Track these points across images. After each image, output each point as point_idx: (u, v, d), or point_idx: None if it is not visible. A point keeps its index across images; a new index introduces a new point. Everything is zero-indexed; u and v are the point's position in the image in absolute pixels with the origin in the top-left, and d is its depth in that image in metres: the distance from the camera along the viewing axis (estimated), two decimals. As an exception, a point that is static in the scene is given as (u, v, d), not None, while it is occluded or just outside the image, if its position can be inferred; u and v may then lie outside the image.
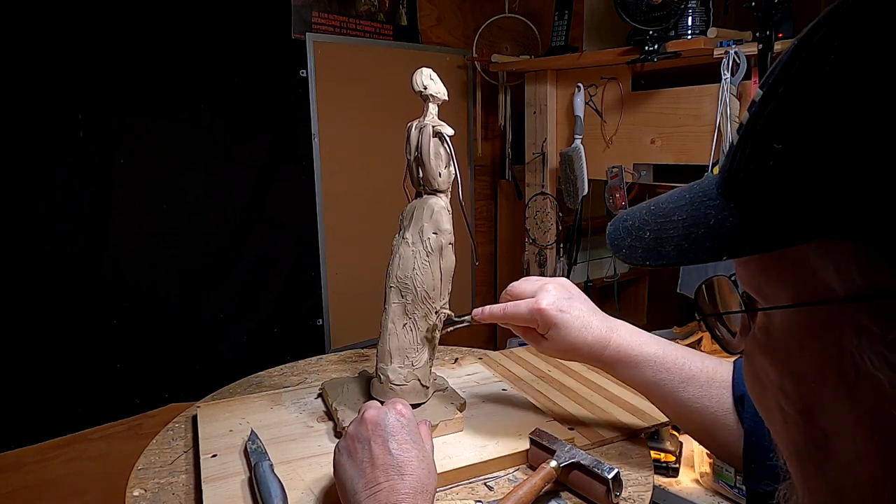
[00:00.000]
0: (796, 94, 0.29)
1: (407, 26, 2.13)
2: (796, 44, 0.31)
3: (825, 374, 0.31)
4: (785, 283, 0.32)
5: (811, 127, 0.28)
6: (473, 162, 2.41)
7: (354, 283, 2.08)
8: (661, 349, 0.73)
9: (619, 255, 0.41)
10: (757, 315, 0.36)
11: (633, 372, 0.73)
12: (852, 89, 0.27)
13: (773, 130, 0.30)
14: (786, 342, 0.34)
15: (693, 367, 0.71)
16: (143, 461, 0.79)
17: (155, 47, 1.59)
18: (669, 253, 0.36)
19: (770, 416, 0.37)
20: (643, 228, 0.39)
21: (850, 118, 0.27)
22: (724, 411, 0.68)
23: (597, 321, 0.75)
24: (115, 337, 1.61)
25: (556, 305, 0.75)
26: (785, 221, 0.30)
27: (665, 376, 0.71)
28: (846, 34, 0.28)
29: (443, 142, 0.79)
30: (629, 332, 0.75)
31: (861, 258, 0.28)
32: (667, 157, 1.66)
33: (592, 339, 0.74)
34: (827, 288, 0.30)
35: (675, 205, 0.38)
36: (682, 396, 0.70)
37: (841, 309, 0.30)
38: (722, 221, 0.33)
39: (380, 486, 0.57)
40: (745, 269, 0.35)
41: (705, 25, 1.54)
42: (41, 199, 1.47)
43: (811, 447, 0.34)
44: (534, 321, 0.76)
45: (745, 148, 0.32)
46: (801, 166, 0.29)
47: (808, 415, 0.33)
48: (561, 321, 0.74)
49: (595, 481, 0.68)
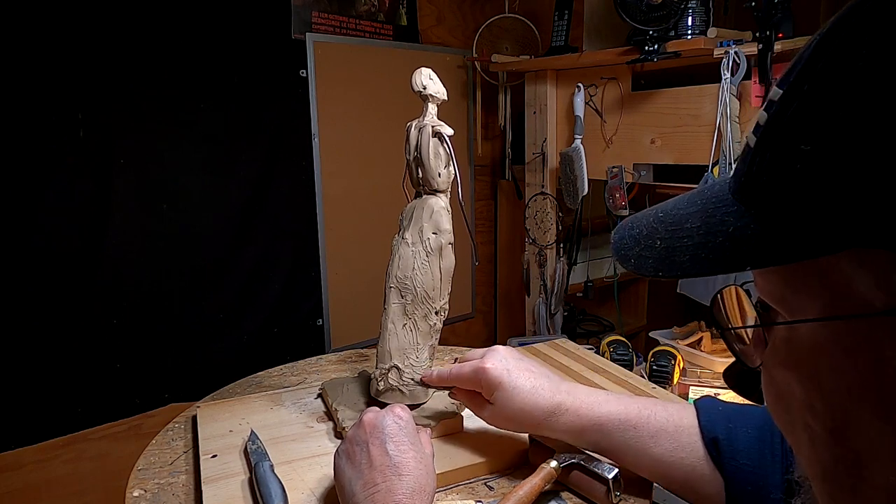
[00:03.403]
0: (825, 91, 0.27)
1: (407, 26, 2.13)
2: (819, 39, 0.29)
3: (861, 393, 0.29)
4: (813, 294, 0.30)
5: (844, 127, 0.26)
6: (473, 162, 2.41)
7: (354, 283, 2.08)
8: (622, 406, 0.67)
9: (626, 266, 0.38)
10: (775, 327, 0.34)
11: (599, 436, 0.67)
12: (887, 85, 0.25)
13: (799, 131, 0.28)
14: (814, 357, 0.31)
15: (658, 417, 0.66)
16: (143, 461, 0.79)
17: (155, 47, 1.59)
18: (684, 263, 0.34)
19: (794, 434, 0.35)
20: (652, 237, 0.37)
21: (885, 117, 0.25)
22: (699, 460, 0.63)
23: (549, 384, 0.69)
24: (115, 337, 1.61)
25: (502, 365, 0.69)
26: (816, 229, 0.27)
27: (633, 434, 0.65)
28: (880, 26, 0.26)
29: (442, 142, 0.79)
30: (585, 394, 0.69)
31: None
32: (667, 157, 1.66)
33: (546, 403, 0.67)
34: (863, 299, 0.28)
35: (685, 211, 0.36)
36: (655, 453, 0.65)
37: (880, 322, 0.27)
38: (742, 229, 0.31)
39: (377, 488, 0.57)
40: (765, 280, 0.33)
41: (705, 25, 1.54)
42: (41, 199, 1.47)
43: (841, 468, 0.31)
44: (477, 383, 0.71)
45: (765, 150, 0.30)
46: (834, 169, 0.26)
47: (839, 434, 0.31)
48: (507, 382, 0.68)
49: (595, 481, 0.68)
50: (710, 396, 0.68)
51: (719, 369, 1.62)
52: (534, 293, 2.10)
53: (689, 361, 1.70)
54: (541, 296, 2.06)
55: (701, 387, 1.61)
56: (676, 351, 1.64)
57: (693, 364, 1.70)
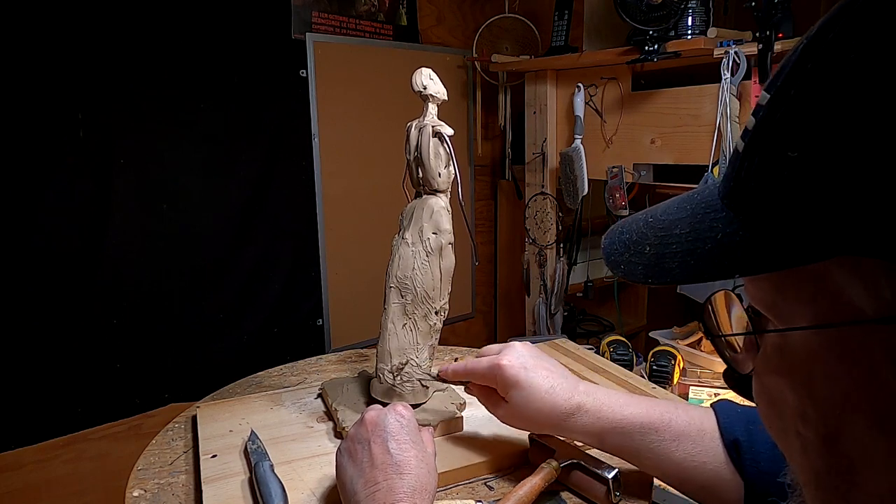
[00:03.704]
0: (812, 97, 0.27)
1: (407, 26, 2.13)
2: (805, 43, 0.28)
3: (854, 401, 0.29)
4: (804, 301, 0.30)
5: (831, 133, 0.26)
6: (473, 162, 2.41)
7: (354, 283, 2.08)
8: (643, 409, 0.65)
9: (616, 272, 0.38)
10: (767, 334, 0.33)
11: (620, 440, 0.65)
12: (877, 89, 0.25)
13: (786, 138, 0.28)
14: (806, 365, 0.31)
15: (680, 421, 0.64)
16: (143, 461, 0.79)
17: (155, 47, 1.59)
18: (673, 270, 0.33)
19: (786, 441, 0.35)
20: (642, 242, 0.36)
21: (876, 122, 0.24)
22: (720, 465, 0.62)
23: (566, 384, 0.67)
24: (115, 337, 1.61)
25: (519, 363, 0.68)
26: (804, 236, 0.27)
27: (655, 438, 0.64)
28: (868, 29, 0.25)
29: (442, 142, 0.79)
30: (605, 395, 0.67)
31: (892, 274, 0.26)
32: (667, 157, 1.66)
33: (562, 404, 0.65)
34: (854, 307, 0.28)
35: (675, 216, 0.36)
36: (677, 457, 0.63)
37: (872, 330, 0.27)
38: (731, 236, 0.31)
39: (378, 486, 0.57)
40: (756, 287, 0.33)
41: (705, 25, 1.54)
42: (41, 199, 1.47)
43: (834, 475, 0.31)
44: (493, 380, 0.69)
45: (753, 156, 0.30)
46: (822, 176, 0.26)
47: (832, 442, 0.31)
48: (524, 380, 0.66)
49: (595, 481, 0.68)
50: (727, 399, 0.67)
51: (719, 369, 1.62)
52: (534, 293, 2.10)
53: (689, 361, 1.70)
54: (541, 296, 2.06)
55: (701, 387, 1.61)
56: (676, 351, 1.64)
57: (693, 364, 1.70)
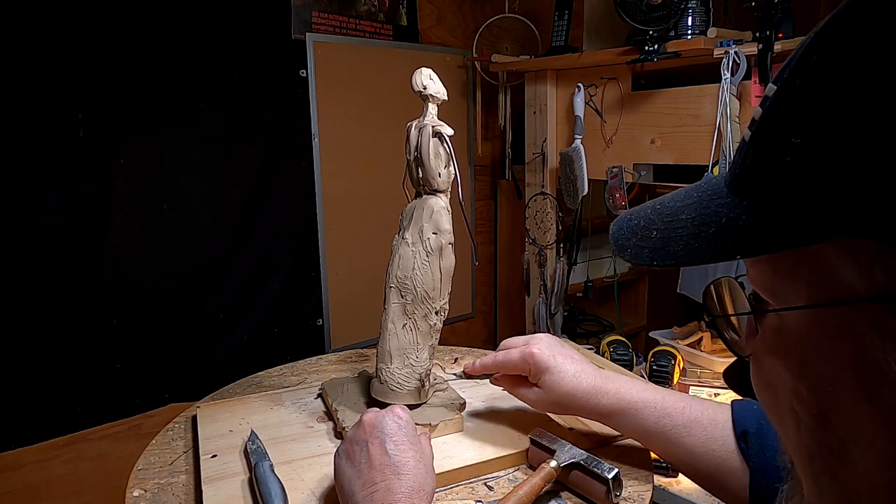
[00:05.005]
0: (815, 87, 0.28)
1: (407, 26, 2.13)
2: (812, 37, 0.30)
3: (845, 378, 0.30)
4: (800, 282, 0.31)
5: (831, 120, 0.27)
6: (473, 162, 2.41)
7: (354, 283, 2.08)
8: (660, 395, 0.71)
9: (623, 256, 0.39)
10: (766, 316, 0.35)
11: (635, 420, 0.71)
12: (875, 81, 0.26)
13: (790, 125, 0.29)
14: (801, 344, 0.32)
15: (694, 410, 0.69)
16: (143, 461, 0.79)
17: (155, 47, 1.59)
18: (678, 253, 0.35)
19: (781, 420, 0.36)
20: (649, 228, 0.38)
21: (872, 111, 0.26)
22: (729, 454, 0.66)
23: (591, 370, 0.74)
24: (115, 337, 1.61)
25: (549, 351, 0.74)
26: (803, 218, 0.29)
27: (668, 422, 0.69)
28: (869, 24, 0.27)
29: (442, 142, 0.79)
30: (626, 381, 0.74)
31: (884, 256, 0.27)
32: (667, 157, 1.66)
33: (588, 386, 0.72)
34: (847, 287, 0.29)
35: (682, 203, 0.37)
36: (687, 442, 0.68)
37: (863, 309, 0.28)
38: (735, 220, 0.32)
39: (376, 487, 0.58)
40: (756, 270, 0.34)
41: (705, 25, 1.54)
42: (41, 199, 1.47)
43: (826, 453, 0.32)
44: (525, 368, 0.75)
45: (759, 143, 0.31)
46: (820, 161, 0.28)
47: (824, 420, 0.32)
48: (554, 366, 0.73)
49: (595, 481, 0.68)
50: (747, 399, 0.70)
51: (719, 369, 1.62)
52: (534, 293, 2.10)
53: (689, 361, 1.70)
54: (541, 296, 2.06)
55: (701, 387, 1.61)
56: (676, 351, 1.64)
57: (693, 364, 1.70)
